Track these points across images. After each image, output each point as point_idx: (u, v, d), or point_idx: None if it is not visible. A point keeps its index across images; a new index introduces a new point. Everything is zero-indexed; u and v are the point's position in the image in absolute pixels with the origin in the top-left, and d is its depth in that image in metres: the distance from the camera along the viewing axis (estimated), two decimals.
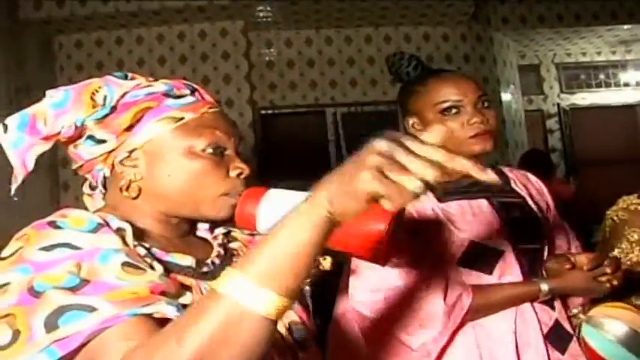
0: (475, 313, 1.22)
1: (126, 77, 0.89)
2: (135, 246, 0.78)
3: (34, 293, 0.66)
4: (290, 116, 4.63)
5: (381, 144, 0.56)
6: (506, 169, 1.48)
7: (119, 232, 0.77)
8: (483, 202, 1.31)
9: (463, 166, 0.55)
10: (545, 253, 1.32)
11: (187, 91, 0.90)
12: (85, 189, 0.94)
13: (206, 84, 4.19)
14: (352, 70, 4.59)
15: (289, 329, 0.89)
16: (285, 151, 4.42)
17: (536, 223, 1.34)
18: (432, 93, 1.32)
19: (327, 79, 4.58)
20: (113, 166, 0.86)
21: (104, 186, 0.89)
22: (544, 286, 1.23)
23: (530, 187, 1.45)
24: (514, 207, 1.34)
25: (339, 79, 4.58)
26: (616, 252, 1.78)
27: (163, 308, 0.67)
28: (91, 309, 0.64)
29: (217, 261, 0.88)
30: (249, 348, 0.56)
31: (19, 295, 0.66)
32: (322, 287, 1.08)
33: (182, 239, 0.91)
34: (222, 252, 0.92)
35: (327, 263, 1.07)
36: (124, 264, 0.70)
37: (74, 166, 0.90)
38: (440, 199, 1.30)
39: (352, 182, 0.55)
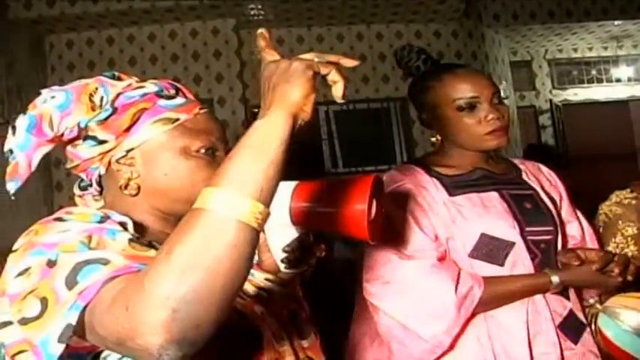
0: (486, 304, 1.23)
1: (114, 77, 0.91)
2: (138, 238, 0.80)
3: (51, 264, 0.69)
4: None
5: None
6: (517, 161, 1.48)
7: (122, 225, 0.80)
8: (493, 195, 1.31)
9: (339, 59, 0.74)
10: (559, 244, 1.32)
11: (174, 91, 0.93)
12: (76, 190, 0.96)
13: (198, 83, 4.18)
14: (344, 67, 4.58)
15: (290, 317, 0.93)
16: None
17: (548, 214, 1.34)
18: (448, 89, 1.33)
19: (319, 76, 4.55)
20: (109, 164, 0.88)
21: (99, 184, 0.91)
22: (555, 279, 1.24)
23: (542, 178, 1.45)
24: (525, 198, 1.34)
25: None
26: (611, 246, 1.78)
27: None
28: (106, 261, 0.67)
29: None
30: (231, 252, 0.59)
31: (40, 273, 0.69)
32: (312, 276, 1.10)
33: None
34: None
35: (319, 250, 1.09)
36: (131, 240, 0.74)
37: (69, 165, 0.92)
38: (450, 193, 1.31)
39: (291, 72, 0.70)
